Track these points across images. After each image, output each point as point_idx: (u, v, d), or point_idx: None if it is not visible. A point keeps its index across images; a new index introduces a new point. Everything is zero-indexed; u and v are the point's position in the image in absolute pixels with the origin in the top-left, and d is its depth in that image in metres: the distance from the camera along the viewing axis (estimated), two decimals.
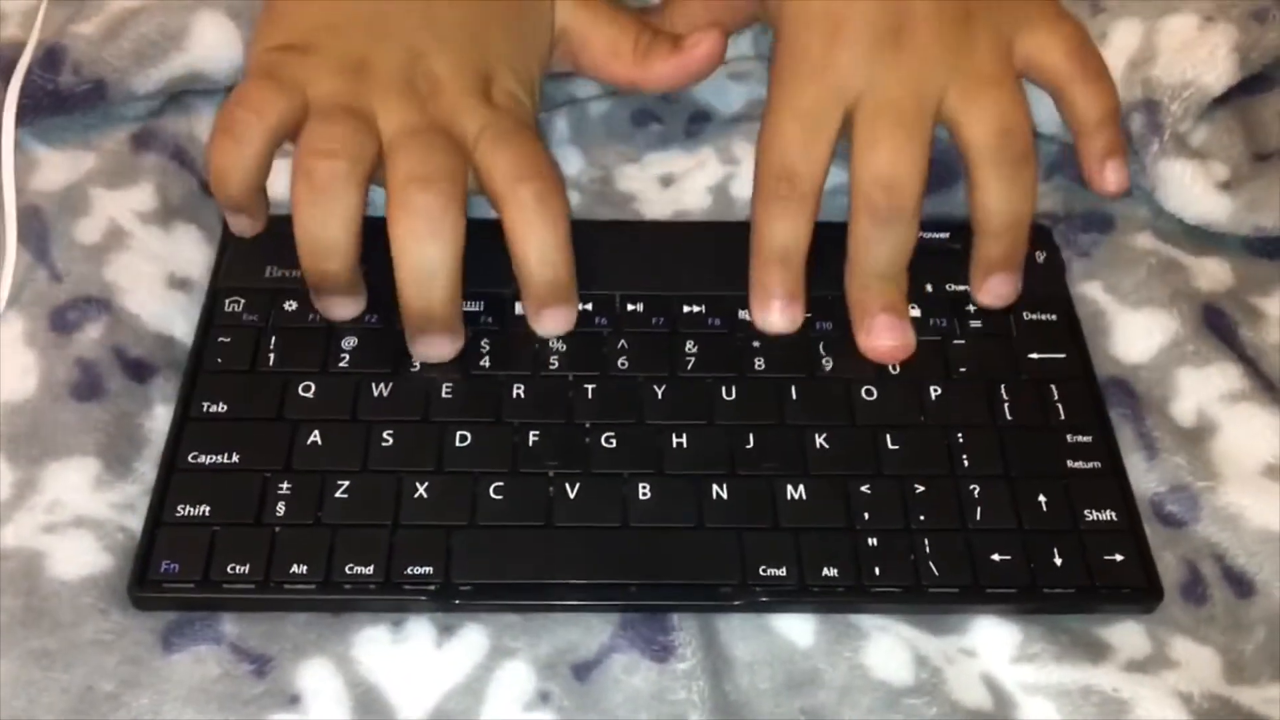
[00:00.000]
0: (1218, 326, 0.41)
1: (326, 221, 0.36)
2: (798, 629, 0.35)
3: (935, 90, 0.39)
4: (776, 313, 0.40)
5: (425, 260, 0.36)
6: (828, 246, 0.40)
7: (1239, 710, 0.34)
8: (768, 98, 0.40)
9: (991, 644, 0.35)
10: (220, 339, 0.39)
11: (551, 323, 0.39)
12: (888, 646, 0.34)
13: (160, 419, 0.38)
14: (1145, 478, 0.38)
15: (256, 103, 0.37)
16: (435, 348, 0.38)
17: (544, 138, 0.42)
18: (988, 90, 0.39)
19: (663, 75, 0.42)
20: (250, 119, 0.36)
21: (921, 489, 0.36)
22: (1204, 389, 0.39)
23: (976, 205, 0.39)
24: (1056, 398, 0.39)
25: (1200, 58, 0.42)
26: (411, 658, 0.34)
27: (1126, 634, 0.35)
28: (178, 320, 0.40)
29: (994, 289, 0.41)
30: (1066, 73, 0.41)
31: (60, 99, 0.41)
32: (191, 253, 0.41)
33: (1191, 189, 0.42)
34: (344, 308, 0.39)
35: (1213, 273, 0.43)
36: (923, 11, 0.39)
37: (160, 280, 0.40)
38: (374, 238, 0.36)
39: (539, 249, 0.38)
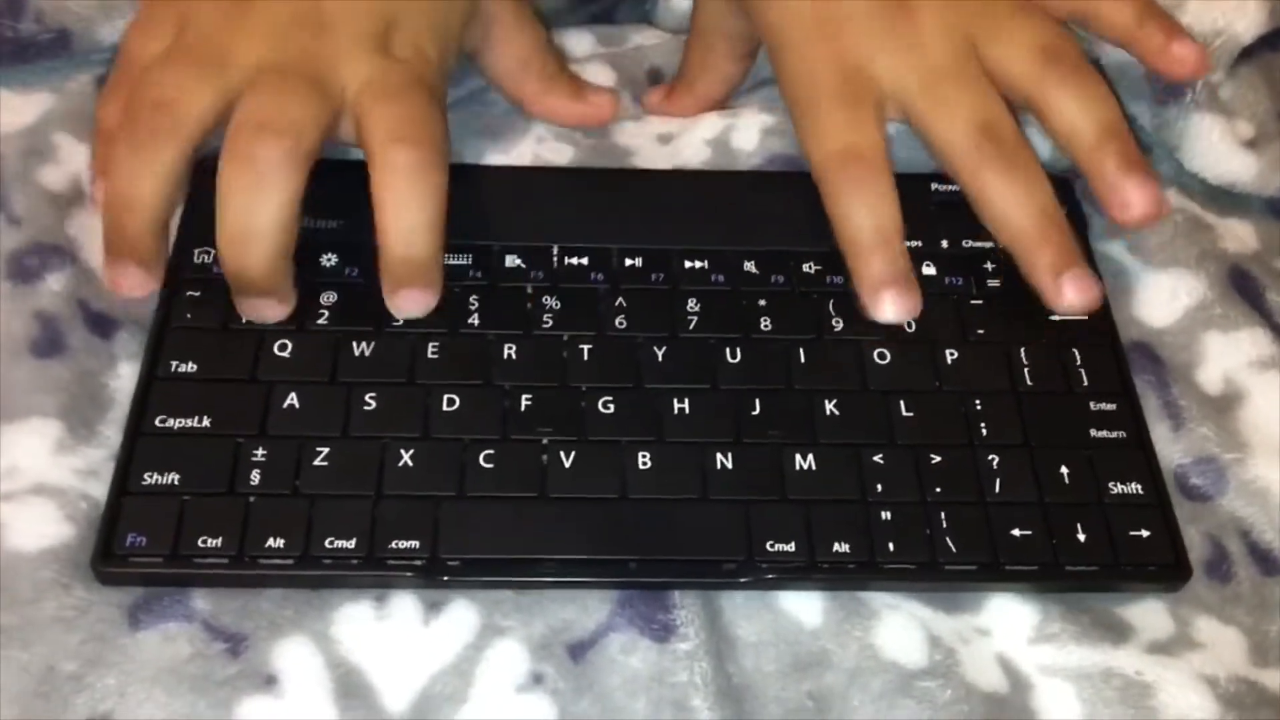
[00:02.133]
0: (1245, 290, 0.39)
1: (136, 172, 0.34)
2: (805, 607, 0.33)
3: (963, 39, 0.37)
4: (891, 302, 0.36)
5: (245, 216, 0.34)
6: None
7: (1266, 694, 0.32)
8: (794, 114, 0.38)
9: (1008, 623, 0.33)
10: (189, 293, 0.36)
11: (406, 304, 0.35)
12: (899, 626, 0.33)
13: (125, 378, 0.35)
14: (1170, 449, 0.36)
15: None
16: (256, 309, 0.35)
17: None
18: (1013, 18, 0.37)
19: (555, 113, 0.42)
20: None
21: (937, 459, 0.35)
22: (1232, 355, 0.38)
23: (1057, 133, 0.37)
24: (1079, 362, 0.37)
25: (1230, 5, 0.41)
26: (396, 637, 0.32)
27: (1149, 614, 0.34)
28: None
29: (1133, 200, 0.37)
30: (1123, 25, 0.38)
31: (22, 47, 0.39)
32: None
33: (1218, 147, 0.40)
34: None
35: (1238, 234, 0.41)
36: None
37: None
38: (357, 186, 0.34)
39: (403, 224, 0.34)
